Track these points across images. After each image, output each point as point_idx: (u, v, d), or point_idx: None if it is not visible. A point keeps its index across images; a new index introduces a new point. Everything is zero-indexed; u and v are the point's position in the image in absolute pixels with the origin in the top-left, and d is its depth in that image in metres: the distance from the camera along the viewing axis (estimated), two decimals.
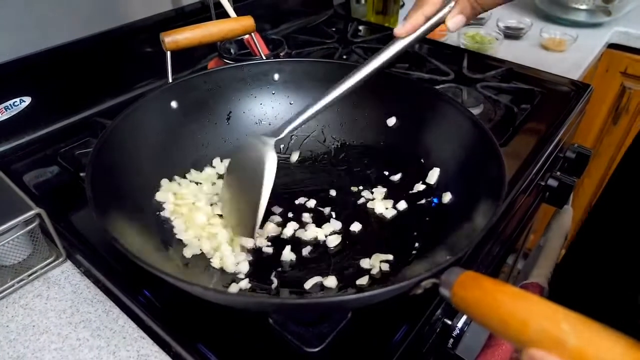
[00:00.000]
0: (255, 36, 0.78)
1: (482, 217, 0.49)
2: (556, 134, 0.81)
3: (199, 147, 0.68)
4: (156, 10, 0.89)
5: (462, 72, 0.96)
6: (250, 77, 0.70)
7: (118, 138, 0.56)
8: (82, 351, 0.49)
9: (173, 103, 0.65)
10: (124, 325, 0.52)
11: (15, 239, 0.55)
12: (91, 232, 0.60)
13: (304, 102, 0.72)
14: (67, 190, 0.68)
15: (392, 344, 0.48)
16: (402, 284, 0.39)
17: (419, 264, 0.53)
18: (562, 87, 0.95)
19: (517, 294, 0.32)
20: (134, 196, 0.55)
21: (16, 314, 0.53)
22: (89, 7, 0.79)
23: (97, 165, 0.50)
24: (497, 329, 0.32)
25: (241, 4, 0.99)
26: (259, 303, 0.45)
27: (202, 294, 0.41)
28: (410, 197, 0.63)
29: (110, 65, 0.84)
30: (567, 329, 0.28)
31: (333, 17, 1.29)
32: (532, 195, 0.83)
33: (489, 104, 0.88)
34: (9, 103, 0.72)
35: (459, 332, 0.56)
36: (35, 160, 0.74)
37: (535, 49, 1.19)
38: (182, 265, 0.53)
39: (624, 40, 1.30)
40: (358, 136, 0.72)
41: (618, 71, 1.35)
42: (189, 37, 0.67)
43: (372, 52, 1.08)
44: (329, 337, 0.47)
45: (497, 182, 0.50)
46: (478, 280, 0.35)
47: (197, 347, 0.47)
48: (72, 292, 0.56)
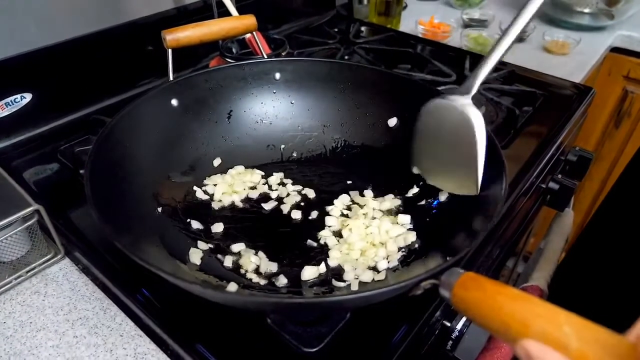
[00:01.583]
0: (257, 35, 0.78)
1: (482, 219, 0.49)
2: (558, 137, 0.81)
3: (199, 145, 0.67)
4: (158, 8, 0.89)
5: (464, 74, 0.96)
6: (251, 76, 0.70)
7: (118, 135, 0.55)
8: (79, 348, 0.49)
9: (174, 101, 0.64)
10: (121, 323, 0.52)
11: (13, 235, 0.55)
12: (90, 229, 0.59)
13: (305, 102, 0.73)
14: (67, 187, 0.68)
15: (391, 344, 0.48)
16: (401, 284, 0.38)
17: (419, 265, 0.53)
18: (565, 90, 0.95)
19: (518, 295, 0.32)
20: (133, 194, 0.55)
21: (13, 311, 0.53)
22: (91, 4, 0.79)
23: (97, 163, 0.50)
24: (497, 331, 0.32)
25: (244, 3, 0.99)
26: (257, 302, 0.45)
27: (200, 292, 0.40)
28: (410, 198, 0.63)
29: (112, 63, 0.84)
30: (569, 331, 0.28)
31: (335, 17, 1.28)
32: (533, 198, 0.83)
33: (491, 106, 0.88)
34: (9, 99, 0.72)
35: (458, 334, 0.56)
36: (35, 157, 0.74)
37: (538, 51, 1.19)
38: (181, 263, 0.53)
39: (627, 44, 1.30)
40: (359, 136, 0.71)
41: (621, 75, 1.35)
42: (190, 35, 0.67)
43: (374, 53, 1.10)
44: (328, 337, 0.47)
45: (498, 184, 0.50)
46: (478, 282, 0.35)
47: (195, 347, 0.47)
48: (69, 290, 0.56)
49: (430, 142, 0.59)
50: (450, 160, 0.57)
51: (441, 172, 0.60)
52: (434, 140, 0.58)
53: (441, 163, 0.59)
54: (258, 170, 0.68)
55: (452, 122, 0.55)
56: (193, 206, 0.62)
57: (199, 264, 0.53)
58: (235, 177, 0.66)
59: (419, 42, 1.13)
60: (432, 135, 0.59)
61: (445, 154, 0.57)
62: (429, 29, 1.24)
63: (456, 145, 0.55)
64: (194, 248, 0.55)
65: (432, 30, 1.23)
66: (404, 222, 0.59)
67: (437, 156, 0.59)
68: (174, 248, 0.54)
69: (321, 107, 0.72)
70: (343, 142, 0.72)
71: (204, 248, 0.56)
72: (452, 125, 0.55)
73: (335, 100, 0.72)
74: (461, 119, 0.53)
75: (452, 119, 0.54)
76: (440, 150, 0.58)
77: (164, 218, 0.58)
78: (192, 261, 0.53)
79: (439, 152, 0.58)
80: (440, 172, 0.60)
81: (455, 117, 0.54)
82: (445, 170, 0.59)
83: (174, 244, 0.55)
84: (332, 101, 0.72)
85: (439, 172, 0.60)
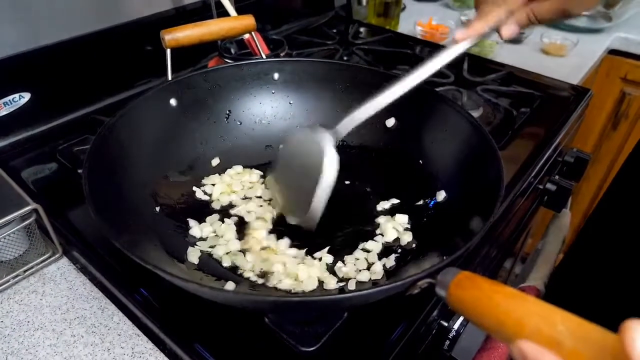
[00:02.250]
0: (255, 36, 0.78)
1: (479, 219, 0.49)
2: (555, 138, 0.81)
3: (198, 145, 0.67)
4: (157, 8, 0.89)
5: (462, 75, 0.97)
6: (250, 76, 0.70)
7: (116, 135, 0.56)
8: (77, 347, 0.49)
9: (172, 101, 0.64)
10: (119, 322, 0.52)
11: (11, 234, 0.55)
12: (88, 228, 0.59)
13: (303, 102, 0.73)
14: (65, 186, 0.68)
15: (388, 344, 0.48)
16: (398, 283, 0.39)
17: (416, 264, 0.53)
18: (562, 92, 0.95)
19: (514, 294, 0.32)
20: (131, 193, 0.55)
21: (11, 310, 0.53)
22: (90, 4, 0.79)
23: (95, 162, 0.50)
24: (493, 329, 0.32)
25: (243, 4, 0.99)
26: (254, 301, 0.45)
27: (197, 291, 0.41)
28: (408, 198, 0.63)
29: (110, 62, 0.84)
30: (563, 329, 0.28)
31: (334, 18, 1.29)
32: (530, 199, 0.83)
33: (489, 107, 0.88)
34: (8, 99, 0.72)
35: (455, 333, 0.56)
36: (33, 157, 0.74)
37: (536, 53, 1.19)
38: (179, 263, 0.53)
39: (624, 46, 1.30)
40: (357, 137, 0.71)
41: (618, 77, 1.36)
42: (189, 35, 0.67)
43: (372, 54, 1.10)
44: (325, 336, 0.47)
45: (495, 184, 0.50)
46: (474, 281, 0.35)
47: (193, 346, 0.47)
48: (67, 289, 0.56)
49: (286, 171, 0.59)
50: (297, 191, 0.57)
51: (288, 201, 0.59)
52: (290, 169, 0.59)
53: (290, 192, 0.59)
54: (256, 170, 0.68)
55: (309, 153, 0.55)
56: (191, 206, 0.62)
57: (197, 263, 0.54)
58: (234, 177, 0.66)
59: (417, 44, 1.14)
60: (289, 164, 0.59)
61: (295, 184, 0.57)
62: (427, 30, 1.24)
63: (305, 177, 0.54)
64: (191, 247, 0.55)
65: (430, 32, 1.24)
66: (402, 221, 0.59)
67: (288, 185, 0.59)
68: (172, 247, 0.54)
69: (319, 108, 0.73)
70: (341, 143, 0.72)
71: (202, 248, 0.56)
72: (308, 157, 0.55)
73: (333, 101, 0.72)
74: (317, 154, 0.53)
75: (310, 151, 0.55)
76: (292, 179, 0.58)
77: (162, 217, 0.58)
78: (190, 260, 0.54)
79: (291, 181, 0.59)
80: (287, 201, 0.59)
81: (313, 151, 0.54)
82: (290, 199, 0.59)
83: (172, 243, 0.55)
84: (330, 101, 0.72)
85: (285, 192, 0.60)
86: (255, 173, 0.68)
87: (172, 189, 0.62)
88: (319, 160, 0.53)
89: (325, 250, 0.56)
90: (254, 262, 0.54)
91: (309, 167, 0.54)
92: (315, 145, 0.54)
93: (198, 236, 0.57)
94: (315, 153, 0.54)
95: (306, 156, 0.55)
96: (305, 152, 0.56)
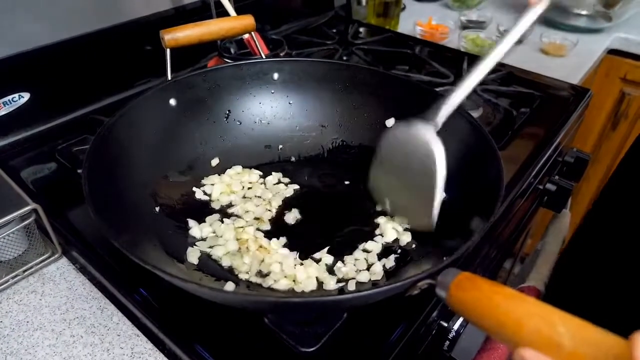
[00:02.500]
0: (255, 36, 0.78)
1: (479, 220, 0.49)
2: (555, 138, 0.81)
3: (197, 145, 0.67)
4: (157, 8, 0.89)
5: (462, 75, 0.96)
6: (249, 76, 0.70)
7: (116, 135, 0.55)
8: (76, 348, 0.49)
9: (172, 101, 0.64)
10: (118, 322, 0.52)
11: (10, 234, 0.55)
12: (87, 228, 0.59)
13: (303, 102, 0.73)
14: (64, 186, 0.68)
15: (388, 344, 0.48)
16: (398, 284, 0.39)
17: (415, 265, 0.53)
18: (562, 92, 0.95)
19: (513, 295, 0.32)
20: (131, 193, 0.55)
21: (10, 310, 0.53)
22: (90, 4, 0.79)
23: (95, 162, 0.50)
24: (493, 330, 0.32)
25: (242, 4, 0.99)
26: (254, 301, 0.45)
27: (197, 291, 0.41)
28: None
29: (110, 62, 0.84)
30: (563, 330, 0.28)
31: (334, 18, 1.29)
32: (530, 199, 0.83)
33: (489, 107, 0.88)
34: (7, 99, 0.72)
35: (455, 334, 0.56)
36: (33, 156, 0.74)
37: (536, 53, 1.19)
38: (179, 263, 0.53)
39: (624, 46, 1.30)
40: (357, 137, 0.72)
41: (618, 77, 1.36)
42: (188, 35, 0.67)
43: (372, 54, 1.10)
44: (325, 337, 0.47)
45: (495, 184, 0.50)
46: (474, 281, 0.35)
47: (192, 346, 0.47)
48: (67, 289, 0.56)
49: (390, 172, 0.58)
50: (408, 192, 0.56)
51: (398, 204, 0.59)
52: (394, 170, 0.58)
53: (398, 194, 0.58)
54: (256, 170, 0.68)
55: (414, 153, 0.54)
56: (191, 206, 0.62)
57: (196, 263, 0.54)
58: (233, 177, 0.66)
59: (417, 44, 1.14)
60: (392, 164, 0.58)
61: (404, 185, 0.56)
62: (427, 30, 1.24)
63: (416, 177, 0.54)
64: (191, 247, 0.55)
65: (430, 32, 1.24)
66: (401, 222, 0.59)
67: (395, 187, 0.58)
68: (172, 247, 0.54)
69: (319, 108, 0.73)
70: (341, 143, 0.72)
71: (201, 248, 0.56)
72: (414, 156, 0.54)
73: (333, 101, 0.72)
74: (424, 151, 0.52)
75: (415, 149, 0.54)
76: (398, 180, 0.57)
77: (162, 217, 0.58)
78: (190, 260, 0.53)
79: (397, 183, 0.57)
80: (397, 203, 0.59)
81: (418, 148, 0.53)
82: (401, 202, 0.58)
83: (171, 244, 0.55)
84: (330, 102, 0.72)
85: (396, 203, 0.59)
86: (254, 173, 0.68)
87: (171, 189, 0.62)
88: (426, 159, 0.52)
89: (325, 250, 0.56)
90: (250, 263, 0.54)
91: (414, 165, 0.54)
92: (420, 142, 0.53)
93: (198, 236, 0.57)
94: (421, 150, 0.53)
95: (410, 154, 0.54)
96: (408, 150, 0.54)
